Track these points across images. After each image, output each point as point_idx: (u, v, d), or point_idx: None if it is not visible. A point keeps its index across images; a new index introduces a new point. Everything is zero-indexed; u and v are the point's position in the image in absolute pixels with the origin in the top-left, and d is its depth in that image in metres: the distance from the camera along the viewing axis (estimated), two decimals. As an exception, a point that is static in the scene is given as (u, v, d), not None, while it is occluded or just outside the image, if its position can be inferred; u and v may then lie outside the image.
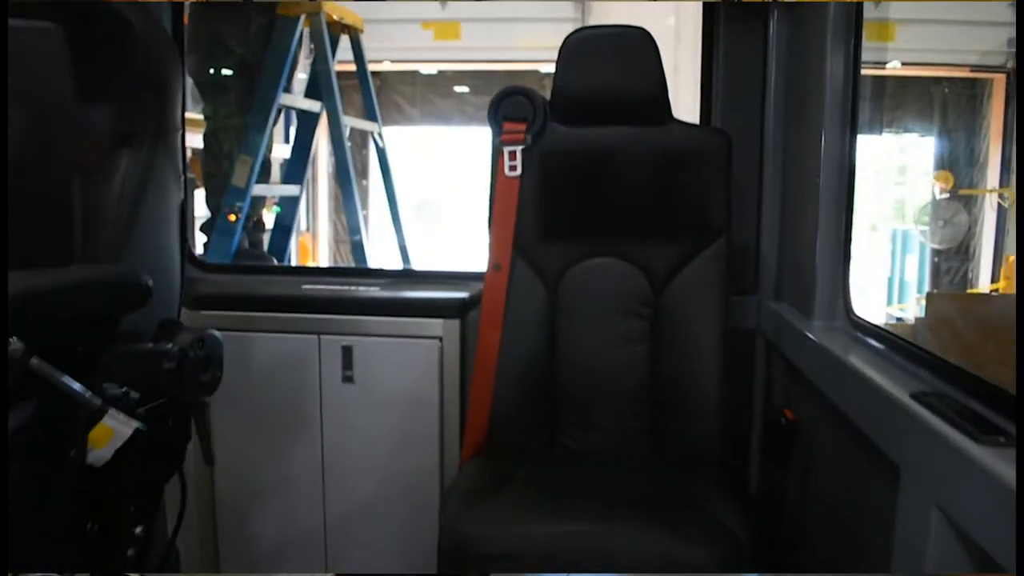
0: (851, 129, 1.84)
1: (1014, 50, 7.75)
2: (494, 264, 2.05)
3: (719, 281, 2.03)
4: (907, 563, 1.20)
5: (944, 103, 9.38)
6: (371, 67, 5.66)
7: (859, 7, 1.84)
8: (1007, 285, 8.30)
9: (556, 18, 8.48)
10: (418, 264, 4.42)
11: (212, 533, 2.35)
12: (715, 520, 1.65)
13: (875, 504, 1.40)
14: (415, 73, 9.74)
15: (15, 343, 1.03)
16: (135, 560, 1.53)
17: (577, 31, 2.04)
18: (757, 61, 2.25)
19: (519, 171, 2.04)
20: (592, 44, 2.03)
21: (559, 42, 2.06)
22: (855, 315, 1.81)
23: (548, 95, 2.08)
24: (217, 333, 1.49)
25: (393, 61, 8.87)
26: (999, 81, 8.77)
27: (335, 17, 3.31)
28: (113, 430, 1.20)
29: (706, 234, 2.03)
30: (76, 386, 1.13)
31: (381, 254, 4.40)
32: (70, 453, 1.18)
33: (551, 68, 2.08)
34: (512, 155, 2.04)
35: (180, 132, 1.66)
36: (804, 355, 1.85)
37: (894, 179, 10.02)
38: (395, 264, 3.79)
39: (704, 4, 2.32)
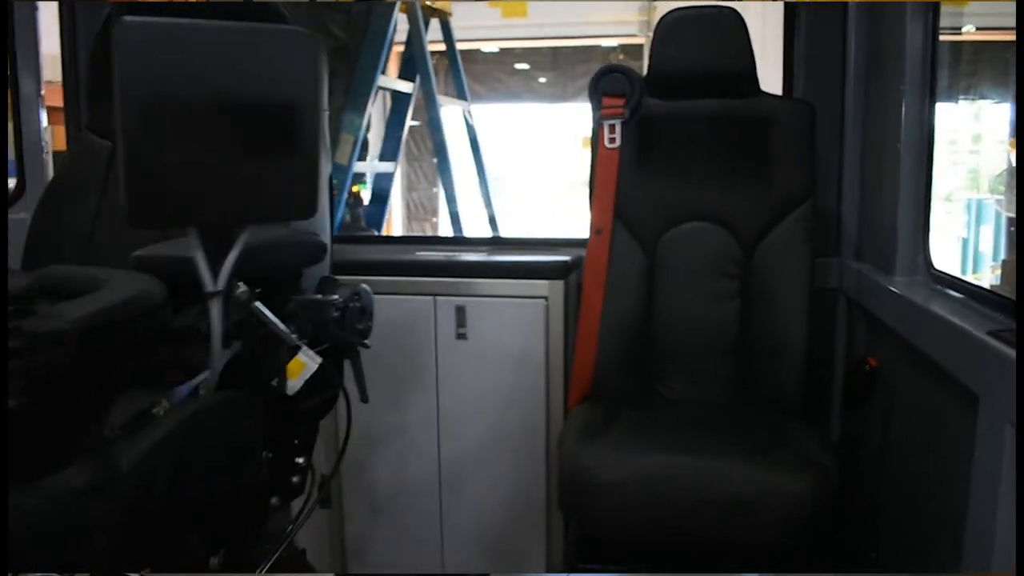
0: (931, 95, 2.00)
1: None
2: (596, 229, 2.27)
3: (806, 242, 2.21)
4: (985, 480, 1.39)
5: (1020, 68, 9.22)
6: (431, 47, 5.91)
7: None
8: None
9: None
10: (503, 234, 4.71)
11: (337, 480, 2.62)
12: (805, 455, 1.85)
13: (951, 434, 1.59)
14: (476, 51, 9.93)
15: (242, 287, 1.28)
16: (299, 487, 1.80)
17: (672, 11, 2.24)
18: (836, 31, 2.40)
19: (618, 143, 2.25)
20: (686, 23, 2.22)
21: (624, 16, 2.26)
22: (935, 270, 1.98)
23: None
24: (368, 288, 1.74)
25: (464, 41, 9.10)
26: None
27: (426, 2, 3.55)
28: (304, 364, 1.46)
29: (792, 198, 2.22)
30: (282, 326, 1.39)
31: (468, 225, 4.67)
32: (273, 382, 1.44)
33: (615, 42, 2.28)
34: (612, 128, 2.25)
35: (327, 112, 1.91)
36: (887, 307, 2.03)
37: (969, 148, 9.91)
38: (485, 233, 4.05)
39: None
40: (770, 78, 2.48)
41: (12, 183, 2.97)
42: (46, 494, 1.11)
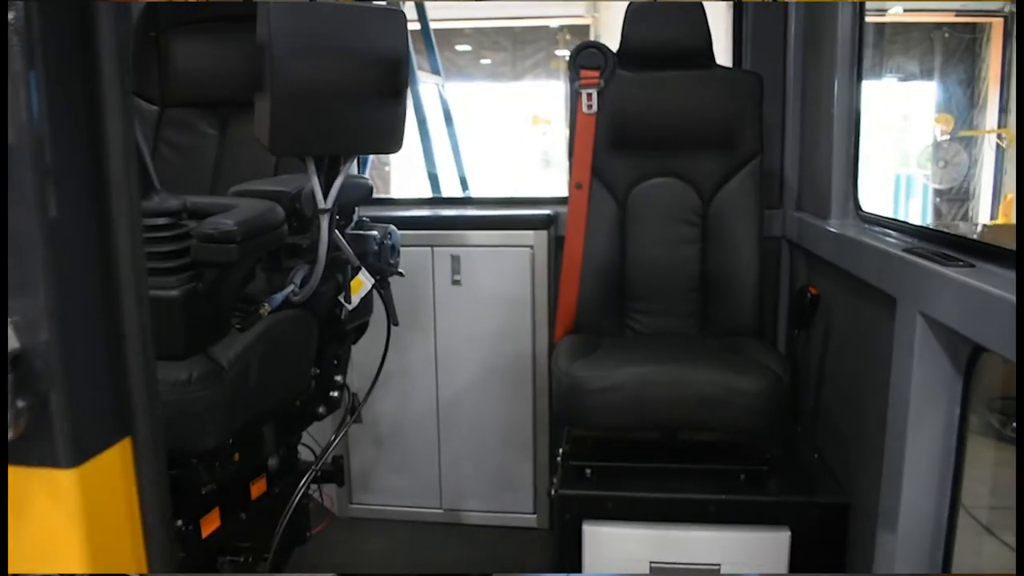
0: (858, 69, 2.42)
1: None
2: (576, 184, 2.64)
3: (755, 192, 2.62)
4: (902, 360, 1.80)
5: (945, 48, 9.89)
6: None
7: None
8: (1005, 222, 8.89)
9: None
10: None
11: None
12: (759, 363, 2.26)
13: (877, 337, 2.00)
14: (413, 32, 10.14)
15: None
16: (337, 402, 2.13)
17: (640, -5, 2.61)
18: (779, 10, 2.81)
19: (595, 109, 2.62)
20: (653, 4, 2.60)
21: None
22: (862, 211, 2.41)
23: (564, 49, 2.64)
24: (396, 229, 2.08)
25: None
26: (997, 25, 9.29)
27: (402, -12, 3.90)
28: (362, 283, 1.79)
29: (744, 155, 2.62)
30: (349, 250, 1.72)
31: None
32: (339, 297, 1.78)
33: (561, 22, 2.65)
34: (589, 96, 2.62)
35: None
36: (824, 245, 2.46)
37: (898, 126, 10.54)
38: (456, 191, 4.47)
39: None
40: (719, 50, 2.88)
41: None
42: (172, 381, 1.43)
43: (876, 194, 9.58)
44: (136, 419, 0.84)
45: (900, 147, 10.46)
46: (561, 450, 2.38)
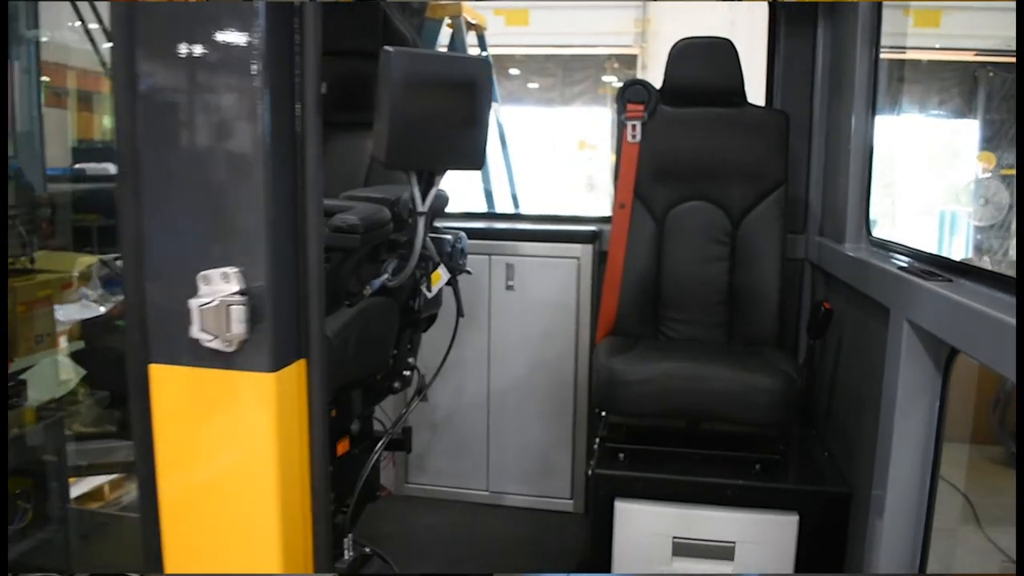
0: (872, 108, 2.77)
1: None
2: (620, 204, 3.01)
3: (779, 218, 2.97)
4: (892, 362, 2.14)
5: (988, 86, 10.13)
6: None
7: (879, 17, 2.75)
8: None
9: (618, 4, 9.40)
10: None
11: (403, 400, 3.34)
12: (776, 366, 2.60)
13: (876, 342, 2.33)
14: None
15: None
16: (408, 380, 2.51)
17: (682, 39, 2.99)
18: (808, 56, 3.17)
19: (639, 138, 3.00)
20: (693, 49, 2.98)
21: (621, 28, 3.00)
22: (873, 238, 2.75)
23: (610, 76, 3.03)
24: (465, 235, 2.47)
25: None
26: (1041, 66, 9.50)
27: (467, 18, 4.29)
28: (440, 276, 2.18)
29: (770, 184, 2.97)
30: (432, 248, 2.11)
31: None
32: (421, 286, 2.16)
33: (610, 51, 3.04)
34: (634, 127, 3.00)
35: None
36: (839, 265, 2.80)
37: (947, 162, 10.75)
38: (508, 208, 4.89)
39: (769, 8, 3.25)
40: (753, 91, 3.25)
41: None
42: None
43: (919, 230, 9.83)
44: (311, 346, 1.22)
45: (947, 183, 10.65)
46: (599, 435, 2.74)
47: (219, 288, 1.13)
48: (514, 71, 10.88)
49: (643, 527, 2.66)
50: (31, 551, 2.78)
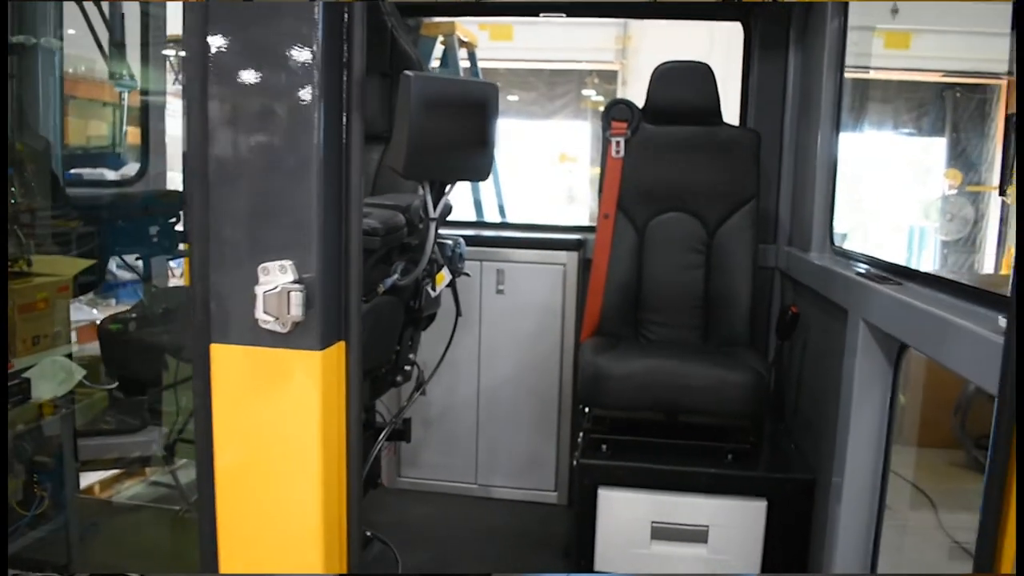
0: (837, 127, 3.04)
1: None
2: (604, 214, 3.25)
3: (751, 228, 3.22)
4: (850, 358, 2.39)
5: (955, 106, 10.54)
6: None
7: (843, 42, 3.02)
8: (1007, 273, 9.42)
9: (600, 23, 9.69)
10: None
11: (397, 398, 3.54)
12: (747, 363, 2.85)
13: (836, 341, 2.58)
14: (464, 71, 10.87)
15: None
16: (409, 375, 2.72)
17: (664, 63, 3.24)
18: (779, 78, 3.43)
19: (622, 154, 3.25)
20: (674, 72, 3.23)
21: (602, 44, 3.23)
22: (835, 247, 3.01)
23: (591, 89, 3.27)
24: (463, 241, 2.69)
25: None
26: (1005, 87, 9.92)
27: (460, 36, 4.54)
28: (444, 276, 2.41)
29: (743, 198, 3.23)
30: (437, 251, 2.34)
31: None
32: (426, 286, 2.39)
33: (592, 67, 3.29)
34: (618, 144, 3.25)
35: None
36: (804, 272, 3.06)
37: (915, 179, 11.11)
38: (495, 217, 5.12)
39: (744, 32, 3.50)
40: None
41: (135, 167, 3.87)
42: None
43: (888, 245, 10.18)
44: (351, 329, 1.44)
45: (915, 199, 10.99)
46: (583, 428, 2.98)
47: (277, 278, 1.34)
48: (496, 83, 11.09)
49: (624, 513, 2.89)
50: (45, 537, 2.96)
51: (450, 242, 2.56)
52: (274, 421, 1.43)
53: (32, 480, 2.87)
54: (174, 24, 3.84)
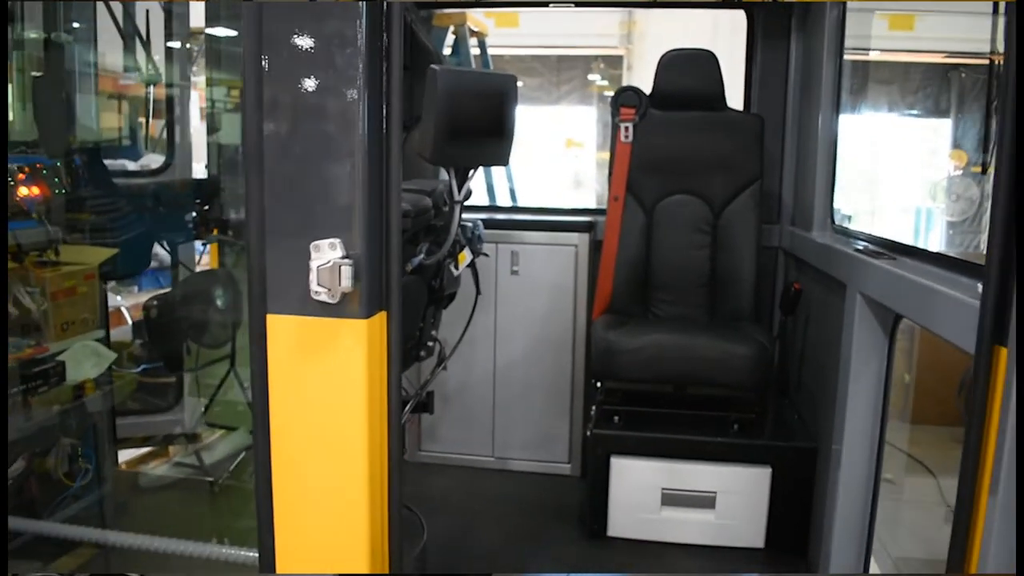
0: (837, 109, 3.19)
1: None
2: (614, 196, 3.42)
3: (755, 209, 3.38)
4: (848, 330, 2.55)
5: (961, 87, 10.64)
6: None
7: (843, 27, 3.16)
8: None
9: (606, 10, 9.82)
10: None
11: (419, 373, 3.71)
12: (751, 336, 3.02)
13: (836, 315, 2.74)
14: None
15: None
16: (431, 350, 2.89)
17: (669, 51, 3.39)
18: (782, 62, 3.58)
19: (631, 139, 3.41)
20: (679, 59, 3.38)
21: (606, 30, 3.38)
22: (836, 225, 3.17)
23: (597, 75, 3.44)
24: (481, 223, 2.86)
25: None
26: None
27: (471, 26, 4.69)
28: (466, 257, 2.57)
29: (746, 180, 3.39)
30: (459, 232, 2.50)
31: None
32: (450, 266, 2.55)
33: (598, 52, 3.43)
34: (626, 129, 3.41)
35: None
36: (807, 250, 3.22)
37: (922, 160, 11.22)
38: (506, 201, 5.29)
39: (747, 18, 3.65)
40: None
41: (160, 159, 4.03)
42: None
43: (896, 226, 10.30)
44: (391, 300, 1.61)
45: (922, 180, 11.08)
46: (596, 400, 3.15)
47: (328, 254, 1.51)
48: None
49: (635, 480, 3.07)
50: (90, 507, 3.15)
51: (470, 224, 2.72)
52: (324, 383, 1.60)
53: (76, 454, 3.06)
54: (196, 18, 4.01)
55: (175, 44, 3.95)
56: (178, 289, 3.09)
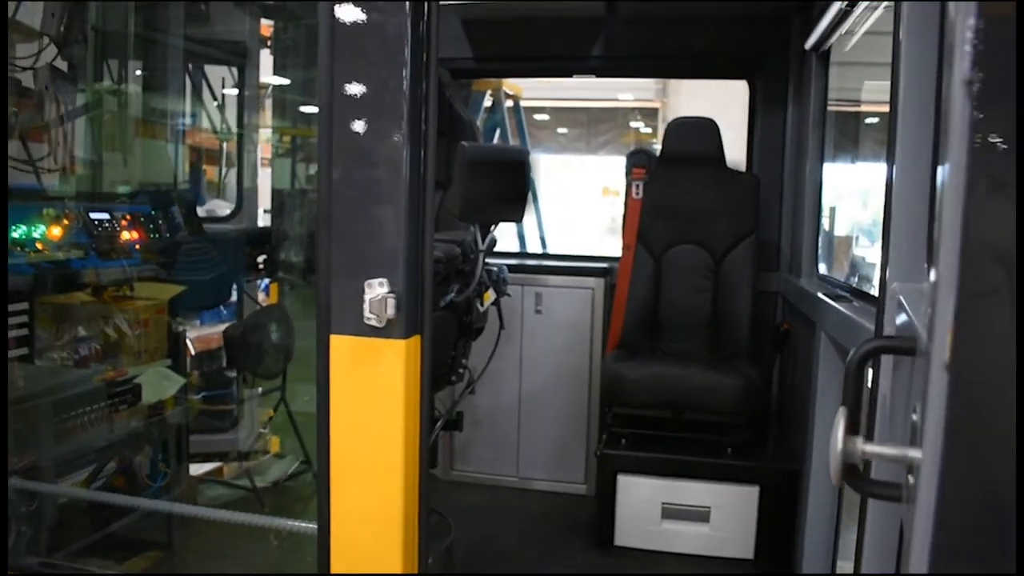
0: (820, 172, 3.67)
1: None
2: (626, 246, 3.93)
3: (752, 258, 3.87)
4: (816, 363, 3.01)
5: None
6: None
7: (824, 103, 3.66)
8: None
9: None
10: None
11: (452, 395, 4.22)
12: (741, 369, 3.49)
13: (810, 351, 3.20)
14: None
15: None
16: (461, 376, 3.40)
17: (676, 119, 3.93)
18: (779, 129, 4.08)
19: (641, 195, 3.93)
20: (685, 125, 3.91)
21: (642, 83, 3.91)
22: (819, 275, 3.64)
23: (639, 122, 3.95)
24: (505, 268, 3.39)
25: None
26: None
27: (506, 90, 5.29)
28: (490, 295, 3.10)
29: (744, 231, 3.88)
30: (485, 275, 3.03)
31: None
32: (477, 304, 3.08)
33: (633, 104, 3.96)
34: (637, 187, 3.93)
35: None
36: (794, 295, 3.69)
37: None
38: (537, 247, 5.83)
39: (750, 91, 4.17)
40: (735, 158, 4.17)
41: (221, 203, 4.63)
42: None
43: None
44: (424, 326, 2.13)
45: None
46: (606, 424, 3.64)
47: (376, 290, 2.03)
48: (541, 116, 11.90)
49: (639, 495, 3.54)
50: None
51: (495, 268, 3.26)
52: (372, 388, 2.12)
53: (157, 459, 3.62)
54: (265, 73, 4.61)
55: (240, 95, 4.50)
56: (248, 319, 3.66)
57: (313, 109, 4.14)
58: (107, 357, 3.56)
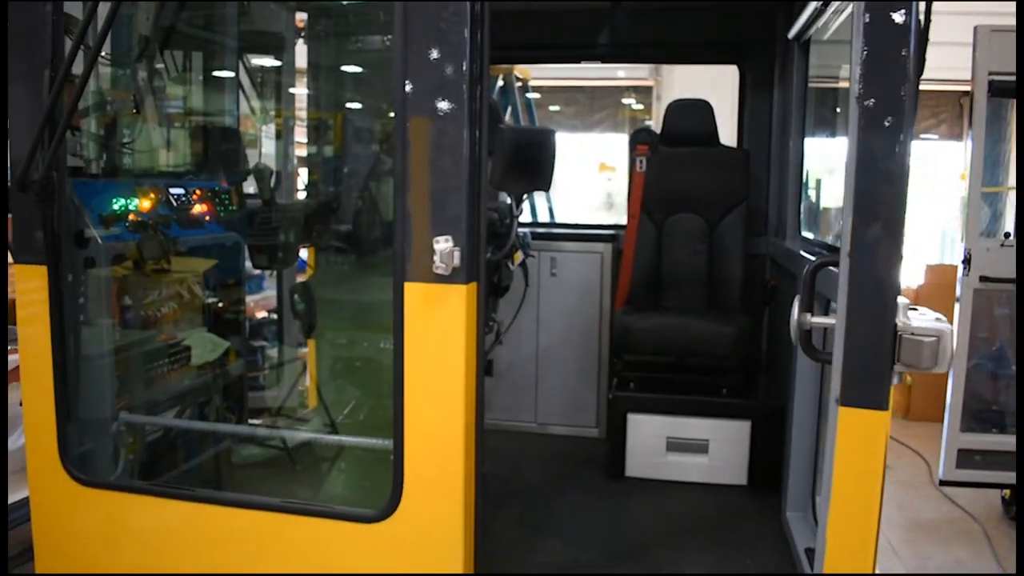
0: (802, 144, 4.21)
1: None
2: (631, 215, 4.47)
3: (742, 224, 4.41)
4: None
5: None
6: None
7: (805, 83, 4.19)
8: (1021, 269, 10.40)
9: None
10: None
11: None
12: (735, 320, 4.05)
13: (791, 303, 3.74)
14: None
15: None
16: (491, 328, 3.93)
17: (675, 101, 4.47)
18: (767, 108, 4.61)
19: (644, 169, 4.47)
20: (683, 106, 4.45)
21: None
22: (802, 235, 4.20)
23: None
24: (529, 232, 3.93)
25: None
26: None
27: (517, 75, 5.79)
28: (520, 255, 3.64)
29: (735, 201, 4.42)
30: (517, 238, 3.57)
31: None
32: (508, 263, 3.62)
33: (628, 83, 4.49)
34: (641, 162, 4.47)
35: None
36: (780, 254, 4.24)
37: (944, 181, 12.06)
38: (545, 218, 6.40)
39: (740, 74, 4.70)
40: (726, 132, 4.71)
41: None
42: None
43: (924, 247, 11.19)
44: (480, 275, 2.66)
45: (941, 203, 11.92)
46: (616, 370, 4.20)
47: (443, 244, 2.56)
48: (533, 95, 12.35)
49: (646, 431, 4.10)
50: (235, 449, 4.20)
51: (521, 233, 3.80)
52: (439, 325, 2.65)
53: (224, 407, 4.14)
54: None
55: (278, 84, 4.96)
56: (311, 277, 4.22)
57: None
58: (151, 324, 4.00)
